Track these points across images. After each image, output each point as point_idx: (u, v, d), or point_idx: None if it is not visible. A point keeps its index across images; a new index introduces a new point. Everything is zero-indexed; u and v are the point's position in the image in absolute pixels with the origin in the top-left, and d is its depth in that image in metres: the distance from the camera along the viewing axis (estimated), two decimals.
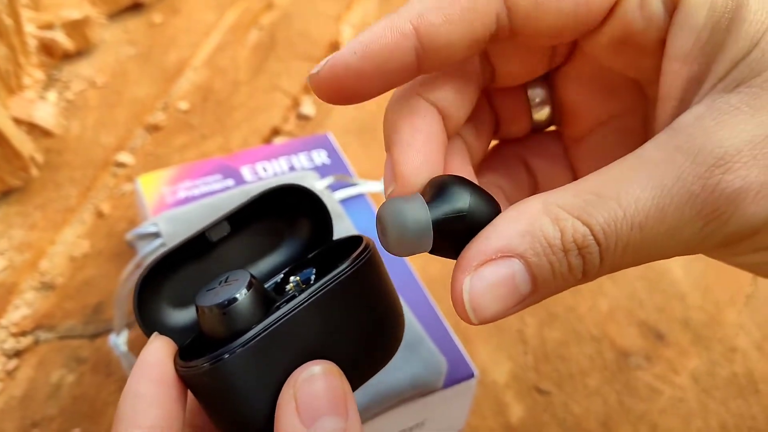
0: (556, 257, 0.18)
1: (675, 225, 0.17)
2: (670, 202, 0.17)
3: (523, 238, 0.18)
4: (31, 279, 0.41)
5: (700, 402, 0.38)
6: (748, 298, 0.43)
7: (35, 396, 0.36)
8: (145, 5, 0.58)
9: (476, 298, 0.18)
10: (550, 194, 0.19)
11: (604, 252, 0.18)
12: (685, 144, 0.17)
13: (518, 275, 0.18)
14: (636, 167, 0.18)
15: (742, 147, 0.17)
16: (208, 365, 0.19)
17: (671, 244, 0.18)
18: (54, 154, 0.47)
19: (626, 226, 0.17)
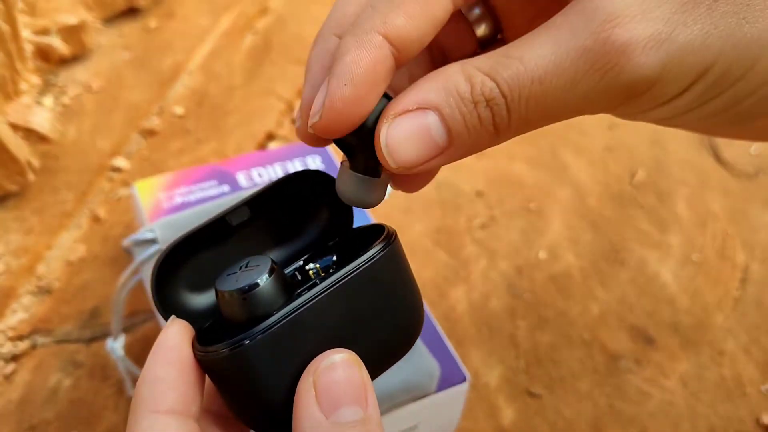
0: (467, 108, 0.19)
1: (572, 78, 0.19)
2: (566, 57, 0.19)
3: (438, 92, 0.20)
4: (28, 283, 0.41)
5: (688, 405, 0.39)
6: (736, 302, 0.43)
7: (32, 400, 0.36)
8: (141, 10, 0.59)
9: (393, 143, 0.20)
10: (468, 59, 0.20)
11: (509, 104, 0.19)
12: (582, 7, 0.19)
13: (433, 125, 0.20)
14: (541, 32, 0.19)
15: (632, 3, 0.18)
16: (227, 351, 0.19)
17: (572, 99, 0.19)
18: (50, 159, 0.47)
19: (527, 80, 0.19)
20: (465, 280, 0.43)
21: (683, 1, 0.18)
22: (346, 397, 0.20)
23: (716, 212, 0.49)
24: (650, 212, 0.48)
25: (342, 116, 0.20)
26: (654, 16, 0.18)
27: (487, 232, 0.46)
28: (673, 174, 0.51)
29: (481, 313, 0.42)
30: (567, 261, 0.45)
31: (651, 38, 0.18)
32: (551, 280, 0.44)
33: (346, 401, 0.19)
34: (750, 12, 0.19)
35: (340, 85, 0.20)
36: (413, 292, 0.23)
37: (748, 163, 0.53)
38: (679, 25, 0.18)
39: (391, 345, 0.22)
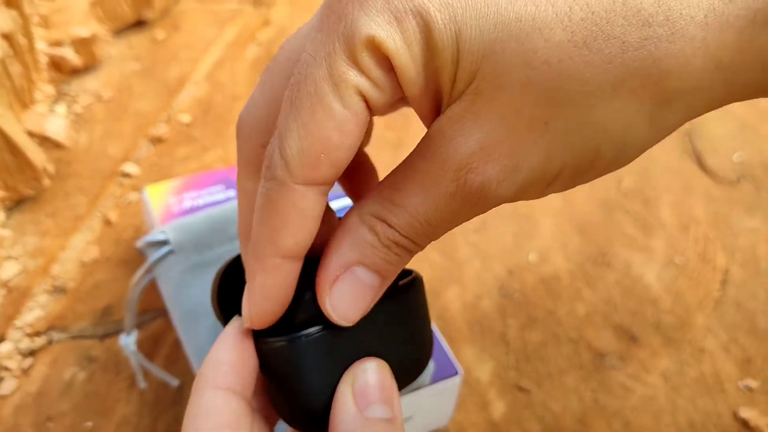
0: (383, 253, 0.22)
1: (450, 214, 0.22)
2: (439, 202, 0.21)
3: (353, 249, 0.22)
4: (44, 283, 0.43)
5: (669, 400, 0.41)
6: (716, 303, 0.46)
7: (49, 392, 0.39)
8: (149, 22, 0.61)
9: (339, 309, 0.23)
10: (361, 205, 0.23)
11: (414, 240, 0.22)
12: (435, 153, 0.21)
13: (364, 277, 0.23)
14: (411, 176, 0.22)
15: (474, 149, 0.20)
16: (286, 342, 0.23)
17: (461, 219, 0.22)
18: (64, 165, 0.49)
19: (418, 224, 0.22)
20: (458, 281, 0.45)
21: (517, 133, 0.20)
22: (378, 397, 0.23)
23: (699, 217, 0.51)
24: (636, 217, 0.51)
25: (266, 321, 0.23)
26: (497, 155, 0.20)
27: (480, 235, 0.49)
28: (659, 181, 0.54)
29: (474, 313, 0.44)
30: (556, 263, 0.47)
31: (500, 173, 0.20)
32: (541, 281, 0.46)
33: (377, 400, 0.23)
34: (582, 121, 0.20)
35: (257, 304, 0.23)
36: (429, 327, 0.27)
37: (730, 170, 0.55)
38: (521, 155, 0.20)
39: (407, 366, 0.27)
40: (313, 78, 0.21)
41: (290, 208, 0.22)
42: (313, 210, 0.22)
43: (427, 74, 0.21)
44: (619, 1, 0.19)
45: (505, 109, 0.20)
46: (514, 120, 0.20)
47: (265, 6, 0.65)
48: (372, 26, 0.20)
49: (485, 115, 0.20)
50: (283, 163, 0.21)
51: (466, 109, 0.20)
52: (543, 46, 0.19)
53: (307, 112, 0.21)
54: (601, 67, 0.19)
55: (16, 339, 0.41)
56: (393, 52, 0.20)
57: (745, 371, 0.42)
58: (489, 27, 0.19)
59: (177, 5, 0.63)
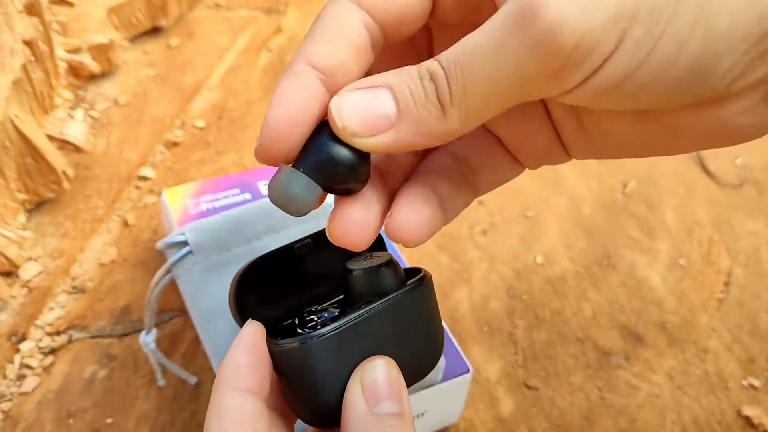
0: (413, 82, 0.21)
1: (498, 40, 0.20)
2: (491, 24, 0.20)
3: (390, 74, 0.21)
4: (64, 283, 0.45)
5: (674, 398, 0.42)
6: (719, 303, 0.47)
7: (70, 389, 0.40)
8: (163, 29, 0.62)
9: (342, 111, 0.21)
10: None
11: (448, 77, 0.20)
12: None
13: (382, 97, 0.21)
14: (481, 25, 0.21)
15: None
16: (297, 344, 0.24)
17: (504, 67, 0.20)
18: (82, 169, 0.50)
19: (460, 52, 0.20)
20: (467, 282, 0.47)
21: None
22: (386, 394, 0.24)
23: (702, 220, 0.52)
24: (640, 220, 0.52)
25: (278, 138, 0.22)
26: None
27: (487, 237, 0.50)
28: (663, 185, 0.55)
29: (482, 313, 0.45)
30: (562, 265, 0.48)
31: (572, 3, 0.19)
32: (547, 282, 0.47)
33: (386, 397, 0.24)
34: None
35: (273, 109, 0.22)
36: (439, 325, 0.28)
37: (733, 174, 0.56)
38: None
39: (417, 363, 0.27)
40: None
41: (332, 20, 0.22)
42: (351, 31, 0.22)
43: None
44: None
45: None
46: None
47: (276, 13, 0.66)
48: None
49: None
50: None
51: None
52: None
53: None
54: None
55: (37, 338, 0.42)
56: None
57: (748, 370, 0.43)
58: None
59: (191, 13, 0.65)
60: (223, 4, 0.66)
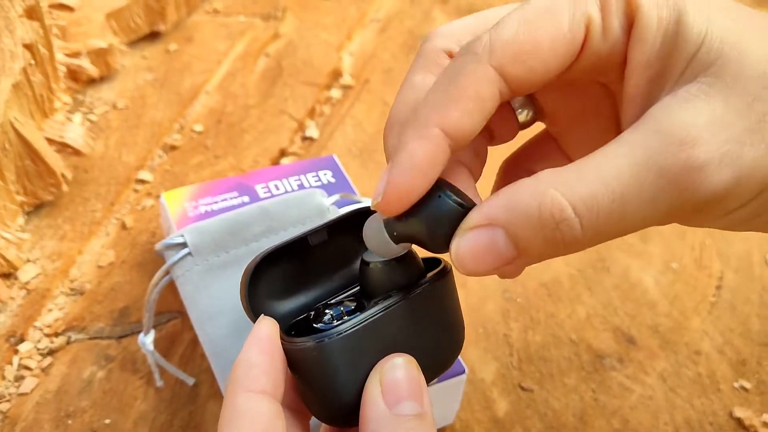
0: (534, 227, 0.20)
1: (652, 194, 0.20)
2: (647, 174, 0.20)
3: (504, 210, 0.21)
4: (62, 285, 0.45)
5: (667, 399, 0.42)
6: (711, 306, 0.47)
7: (69, 390, 0.40)
8: (162, 34, 0.63)
9: (462, 254, 0.22)
10: (542, 173, 0.21)
11: (584, 223, 0.20)
12: (657, 127, 0.20)
13: (500, 241, 0.21)
14: (615, 149, 0.20)
15: (704, 126, 0.20)
16: (313, 343, 0.23)
17: (649, 214, 0.20)
18: (81, 172, 0.51)
19: (607, 199, 0.20)
20: (463, 285, 0.47)
21: (747, 124, 0.20)
22: (407, 394, 0.23)
23: None
24: None
25: (401, 199, 0.22)
26: (724, 138, 0.20)
27: None
28: None
29: (478, 315, 0.45)
30: (557, 268, 0.49)
31: (723, 156, 0.20)
32: (542, 285, 0.48)
33: (406, 397, 0.23)
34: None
35: (401, 172, 0.22)
36: (459, 316, 0.27)
37: None
38: (745, 145, 0.20)
39: (437, 358, 0.26)
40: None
41: (471, 83, 0.21)
42: (488, 102, 0.22)
43: (663, 46, 0.21)
44: None
45: (740, 98, 0.20)
46: (746, 109, 0.20)
47: (274, 19, 0.67)
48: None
49: (720, 99, 0.20)
50: (489, 43, 0.22)
51: (701, 90, 0.20)
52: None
53: (537, 13, 0.22)
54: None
55: (35, 339, 0.42)
56: (642, 10, 0.21)
57: (739, 372, 0.44)
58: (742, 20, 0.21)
59: (189, 18, 0.65)
60: (221, 10, 0.67)
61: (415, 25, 0.68)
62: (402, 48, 0.65)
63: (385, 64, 0.64)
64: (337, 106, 0.60)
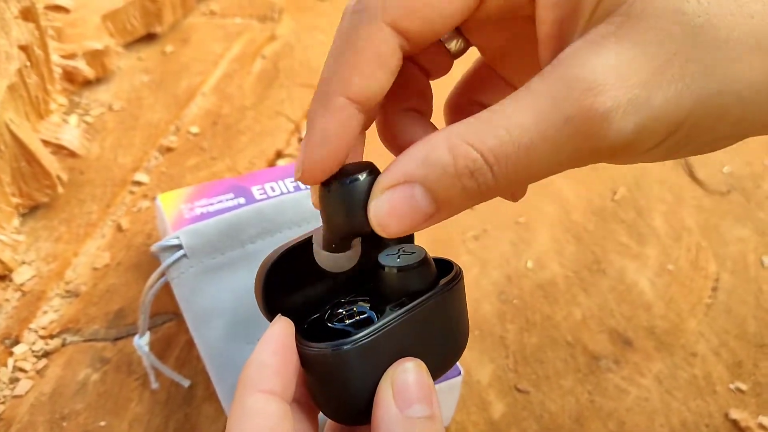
0: (451, 181, 0.21)
1: (557, 143, 0.20)
2: (550, 125, 0.20)
3: (422, 164, 0.21)
4: (57, 287, 0.45)
5: (663, 401, 0.42)
6: (707, 308, 0.47)
7: (64, 392, 0.40)
8: (158, 36, 0.63)
9: (379, 216, 0.22)
10: (453, 126, 0.21)
11: (495, 171, 0.20)
12: (563, 73, 0.20)
13: (419, 196, 0.21)
14: (523, 98, 0.20)
15: (610, 72, 0.19)
16: (330, 350, 0.24)
17: (556, 161, 0.21)
18: (77, 173, 0.51)
19: (513, 148, 0.20)
20: None
21: (657, 65, 0.20)
22: (417, 397, 0.24)
23: (690, 226, 0.53)
24: (630, 226, 0.52)
25: (318, 171, 0.23)
26: (631, 83, 0.19)
27: (479, 243, 0.50)
28: (652, 191, 0.55)
29: (474, 317, 0.45)
30: (553, 270, 0.49)
31: (630, 103, 0.19)
32: (538, 287, 0.48)
33: (417, 400, 0.24)
34: (719, 67, 0.20)
35: (313, 147, 0.22)
36: (466, 318, 0.28)
37: (720, 181, 0.57)
38: (653, 88, 0.19)
39: (442, 359, 0.27)
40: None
41: (368, 46, 0.21)
42: (390, 59, 0.21)
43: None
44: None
45: (651, 38, 0.19)
46: (657, 51, 0.19)
47: (271, 21, 0.67)
48: None
49: (629, 40, 0.20)
50: None
51: (610, 32, 0.20)
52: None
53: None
54: (745, 21, 0.19)
55: (30, 341, 0.42)
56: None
57: (735, 374, 0.44)
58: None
59: (186, 20, 0.65)
60: (217, 12, 0.67)
61: None
62: None
63: None
64: None
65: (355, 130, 0.22)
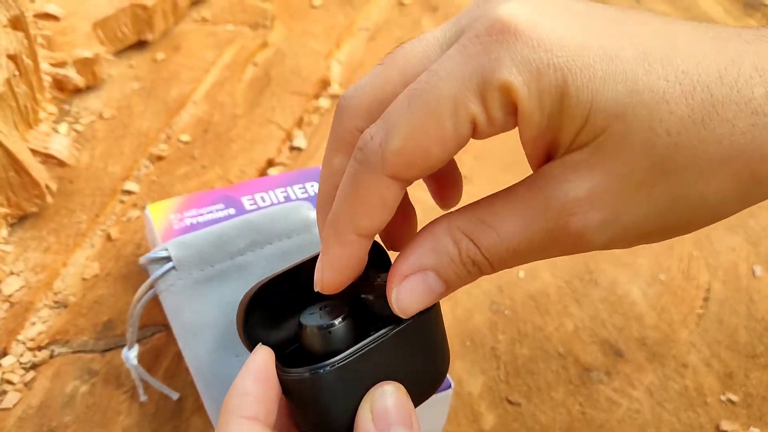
0: (457, 268, 0.24)
1: (540, 249, 0.24)
2: (534, 235, 0.23)
3: (432, 255, 0.24)
4: (46, 298, 0.44)
5: (654, 413, 0.42)
6: (699, 318, 0.47)
7: (51, 405, 0.39)
8: (149, 43, 0.62)
9: (402, 303, 0.25)
10: (452, 216, 0.25)
11: (492, 262, 0.24)
12: (544, 189, 0.23)
13: (432, 281, 0.25)
14: (511, 201, 0.24)
15: (582, 196, 0.22)
16: (308, 374, 0.25)
17: (544, 256, 0.24)
18: (66, 183, 0.50)
19: (503, 249, 0.24)
20: (450, 297, 0.47)
21: (625, 191, 0.22)
22: (396, 419, 0.25)
23: (682, 236, 0.53)
24: None
25: (334, 287, 0.26)
26: (602, 206, 0.22)
27: None
28: None
29: (465, 328, 0.45)
30: (544, 280, 0.48)
31: (601, 223, 0.22)
32: (530, 297, 0.47)
33: (396, 422, 0.25)
34: (687, 188, 0.22)
35: (331, 270, 0.26)
36: (445, 343, 0.29)
37: None
38: (622, 211, 0.22)
39: (424, 383, 0.28)
40: (438, 92, 0.23)
41: (374, 195, 0.24)
42: (393, 201, 0.24)
43: (550, 123, 0.23)
44: (734, 88, 0.21)
45: (622, 167, 0.22)
46: (627, 178, 0.22)
47: (263, 28, 0.67)
48: (513, 72, 0.22)
49: (601, 168, 0.22)
50: (381, 154, 0.23)
51: (584, 160, 0.22)
52: (667, 118, 0.21)
53: (420, 119, 0.23)
54: (712, 145, 0.21)
55: (18, 353, 0.42)
56: (522, 98, 0.22)
57: (726, 385, 0.44)
58: (624, 93, 0.22)
59: (177, 27, 0.65)
60: (209, 19, 0.67)
61: (404, 34, 0.68)
62: None
63: None
64: (325, 115, 0.59)
65: (364, 253, 0.26)
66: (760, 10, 0.75)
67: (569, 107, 0.22)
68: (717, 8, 0.75)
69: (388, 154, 0.23)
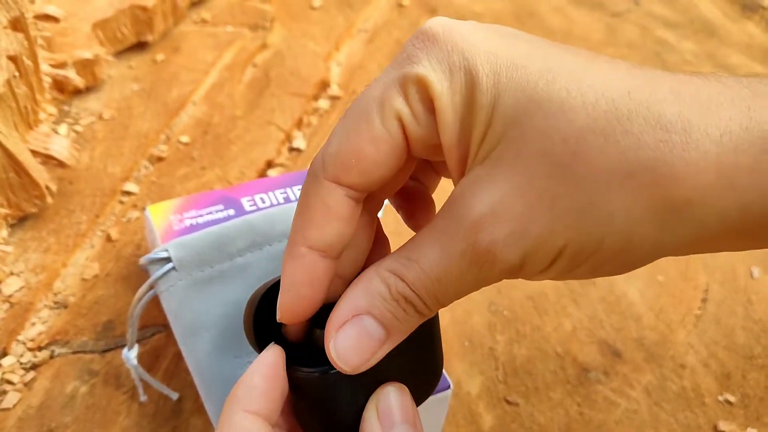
0: (391, 306, 0.24)
1: (460, 273, 0.23)
2: (450, 260, 0.23)
3: (365, 297, 0.24)
4: (46, 299, 0.45)
5: (652, 413, 0.42)
6: (697, 319, 0.47)
7: (51, 405, 0.40)
8: (149, 44, 0.62)
9: (342, 354, 0.24)
10: (382, 260, 0.24)
11: (423, 297, 0.24)
12: (454, 211, 0.23)
13: (370, 327, 0.24)
14: (430, 232, 0.24)
15: (487, 211, 0.22)
16: (318, 374, 0.26)
17: (465, 285, 0.23)
18: (66, 183, 0.51)
19: (428, 280, 0.23)
20: None
21: (528, 202, 0.21)
22: (400, 417, 0.26)
23: None
24: None
25: (296, 314, 0.26)
26: (507, 218, 0.22)
27: None
28: None
29: (464, 328, 0.45)
30: (543, 281, 0.49)
31: (509, 236, 0.22)
32: (528, 298, 0.48)
33: (400, 420, 0.26)
34: (588, 202, 0.21)
35: (285, 295, 0.26)
36: (440, 346, 0.30)
37: None
38: (528, 222, 0.22)
39: (424, 384, 0.29)
40: (366, 97, 0.24)
41: (318, 201, 0.24)
42: (338, 209, 0.24)
43: (462, 126, 0.23)
44: (643, 104, 0.21)
45: (520, 177, 0.22)
46: (526, 189, 0.22)
47: (262, 30, 0.67)
48: (428, 69, 0.23)
49: (501, 181, 0.22)
50: (321, 160, 0.24)
51: (485, 173, 0.22)
52: (565, 127, 0.21)
53: (352, 121, 0.24)
54: (614, 157, 0.21)
55: (18, 353, 0.42)
56: (437, 94, 0.23)
57: (724, 386, 0.44)
58: (524, 99, 0.22)
59: (177, 28, 0.65)
60: (209, 20, 0.67)
61: (403, 36, 0.68)
62: (390, 59, 0.65)
63: (373, 75, 0.64)
64: (324, 116, 0.60)
65: (321, 273, 0.25)
66: (758, 12, 0.75)
67: (475, 111, 0.23)
68: (715, 11, 0.76)
69: (327, 156, 0.24)
